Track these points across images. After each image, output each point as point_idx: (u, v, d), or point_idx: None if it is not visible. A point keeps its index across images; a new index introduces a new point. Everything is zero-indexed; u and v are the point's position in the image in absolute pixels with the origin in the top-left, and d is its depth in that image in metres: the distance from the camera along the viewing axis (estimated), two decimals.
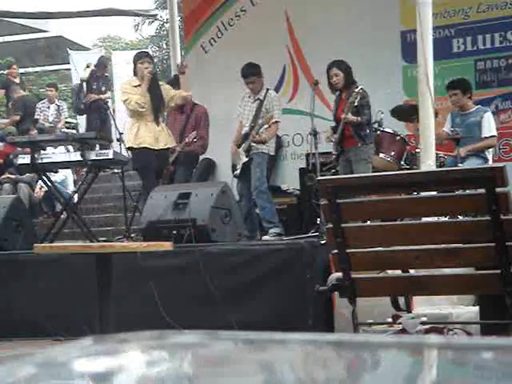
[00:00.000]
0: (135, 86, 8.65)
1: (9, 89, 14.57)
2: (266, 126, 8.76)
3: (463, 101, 8.68)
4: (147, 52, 9.45)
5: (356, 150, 8.14)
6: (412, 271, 4.70)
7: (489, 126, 8.58)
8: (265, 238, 8.61)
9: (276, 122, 8.80)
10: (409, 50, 9.44)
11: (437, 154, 7.90)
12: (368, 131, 8.16)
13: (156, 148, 8.55)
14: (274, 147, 9.17)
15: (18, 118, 13.79)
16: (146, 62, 8.73)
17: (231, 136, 9.19)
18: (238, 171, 8.89)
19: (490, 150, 8.72)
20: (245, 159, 8.81)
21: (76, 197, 10.18)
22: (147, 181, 8.85)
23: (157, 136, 8.55)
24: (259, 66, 8.97)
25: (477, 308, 5.49)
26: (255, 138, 8.70)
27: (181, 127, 9.32)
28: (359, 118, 8.06)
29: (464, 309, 6.08)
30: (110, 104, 12.04)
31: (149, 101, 8.58)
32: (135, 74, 8.80)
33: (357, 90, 7.98)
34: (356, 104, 8.00)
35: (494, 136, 8.62)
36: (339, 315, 6.50)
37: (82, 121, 15.30)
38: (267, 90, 8.96)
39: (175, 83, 9.53)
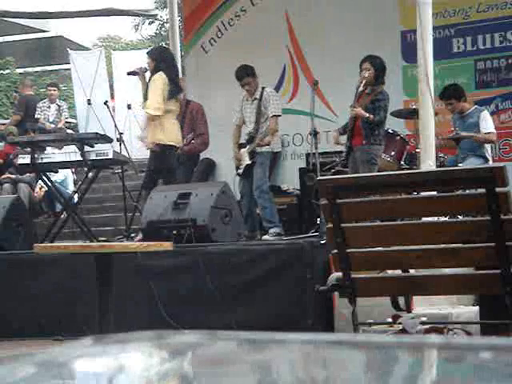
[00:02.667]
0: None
1: None
2: (270, 129, 8.79)
3: (459, 106, 8.69)
4: (148, 51, 9.39)
5: (361, 149, 8.08)
6: (412, 271, 4.70)
7: (486, 123, 8.58)
8: (265, 237, 8.61)
9: (273, 116, 8.79)
10: (409, 50, 9.44)
11: (437, 154, 7.90)
12: (377, 132, 8.10)
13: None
14: (280, 143, 9.16)
15: (18, 117, 13.80)
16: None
17: (231, 136, 9.19)
18: (241, 170, 8.89)
19: (489, 149, 8.71)
20: (248, 162, 8.81)
21: (76, 197, 10.18)
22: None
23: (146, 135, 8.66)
24: (252, 67, 8.96)
25: (477, 308, 5.49)
26: (260, 143, 8.72)
27: None
28: (371, 116, 7.98)
29: (464, 309, 6.08)
30: (109, 104, 12.00)
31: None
32: None
33: (364, 75, 7.95)
34: (361, 89, 7.95)
35: (492, 132, 8.61)
36: (339, 315, 6.50)
37: (81, 121, 15.29)
38: (263, 88, 8.96)
39: None
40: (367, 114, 7.91)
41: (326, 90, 9.24)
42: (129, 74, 8.73)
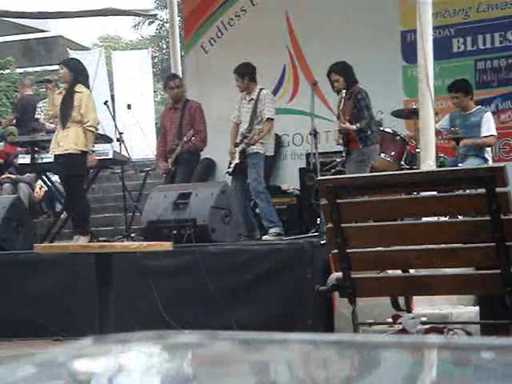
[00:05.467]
0: (58, 94, 8.83)
1: None
2: (260, 127, 8.77)
3: (465, 102, 8.67)
4: (64, 59, 9.44)
5: (358, 151, 8.14)
6: (412, 271, 4.70)
7: (488, 125, 8.57)
8: (265, 237, 8.61)
9: (268, 119, 8.78)
10: (409, 50, 9.43)
11: (437, 154, 7.90)
12: (369, 132, 8.13)
13: (56, 153, 8.49)
14: (273, 147, 9.14)
15: (12, 117, 13.84)
16: (59, 68, 8.87)
17: (229, 132, 9.20)
18: (230, 170, 8.89)
19: (489, 149, 8.70)
20: (237, 161, 8.80)
21: None
22: None
23: (58, 141, 8.49)
24: (250, 68, 8.92)
25: (477, 308, 5.49)
26: (249, 142, 8.71)
27: (177, 126, 9.29)
28: (358, 125, 8.03)
29: (464, 309, 6.08)
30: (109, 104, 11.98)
31: (59, 108, 8.59)
32: None
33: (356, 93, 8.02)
34: (342, 101, 8.03)
35: (493, 135, 8.61)
36: (339, 315, 6.50)
37: None
38: (260, 89, 8.96)
39: (172, 80, 9.53)
40: (354, 127, 7.99)
41: (326, 90, 9.23)
42: (39, 82, 8.95)
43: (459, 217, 5.60)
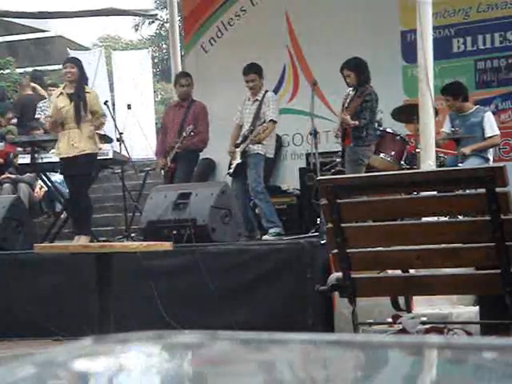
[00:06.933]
0: (58, 96, 8.61)
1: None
2: (264, 126, 8.77)
3: (457, 104, 8.67)
4: (71, 58, 9.18)
5: (350, 149, 8.20)
6: (412, 271, 4.70)
7: (491, 125, 8.57)
8: (265, 237, 8.61)
9: (271, 120, 8.78)
10: (409, 50, 9.44)
11: (437, 154, 7.90)
12: (365, 133, 8.17)
13: (71, 155, 8.36)
14: (273, 150, 9.14)
15: (10, 116, 13.83)
16: (67, 67, 8.67)
17: (231, 133, 9.19)
18: (231, 170, 8.90)
19: (491, 149, 8.71)
20: (238, 161, 8.81)
21: None
22: None
23: (72, 142, 8.39)
24: (261, 67, 8.99)
25: (477, 308, 5.49)
26: (253, 139, 8.71)
27: (179, 122, 9.29)
28: (357, 122, 8.06)
29: (464, 309, 6.08)
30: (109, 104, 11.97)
31: (72, 107, 8.42)
32: None
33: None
34: (351, 97, 8.05)
35: (497, 135, 8.61)
36: (339, 315, 6.50)
37: None
38: (266, 91, 8.97)
39: (184, 77, 9.58)
40: (352, 122, 8.02)
41: (326, 90, 9.23)
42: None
43: (459, 217, 5.61)
